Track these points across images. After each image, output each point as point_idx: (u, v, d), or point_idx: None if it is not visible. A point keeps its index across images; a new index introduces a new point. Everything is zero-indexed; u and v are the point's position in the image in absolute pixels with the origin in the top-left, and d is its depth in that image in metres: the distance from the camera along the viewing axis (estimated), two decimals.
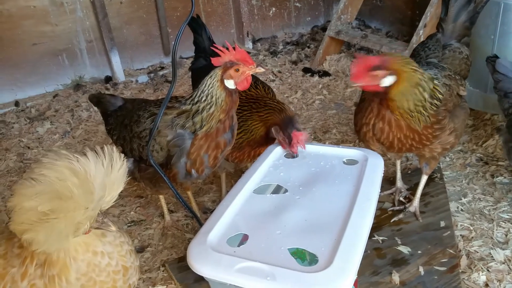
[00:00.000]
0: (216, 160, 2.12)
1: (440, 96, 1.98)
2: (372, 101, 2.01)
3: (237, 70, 1.96)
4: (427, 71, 2.05)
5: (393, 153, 2.38)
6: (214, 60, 2.01)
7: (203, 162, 2.08)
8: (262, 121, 2.28)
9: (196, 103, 2.01)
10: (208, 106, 1.99)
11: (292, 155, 2.07)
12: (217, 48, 2.02)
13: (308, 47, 5.45)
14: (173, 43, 2.00)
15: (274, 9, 5.71)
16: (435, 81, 2.00)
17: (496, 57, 2.54)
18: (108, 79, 4.90)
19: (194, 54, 3.10)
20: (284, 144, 2.10)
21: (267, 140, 2.28)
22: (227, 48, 1.99)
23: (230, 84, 1.98)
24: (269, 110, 2.29)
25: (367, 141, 2.13)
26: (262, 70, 2.04)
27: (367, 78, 1.86)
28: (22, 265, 1.32)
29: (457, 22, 2.33)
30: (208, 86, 1.99)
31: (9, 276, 1.32)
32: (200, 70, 2.94)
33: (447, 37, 2.36)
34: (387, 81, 1.88)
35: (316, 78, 4.54)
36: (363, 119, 2.08)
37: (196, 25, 3.02)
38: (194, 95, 2.03)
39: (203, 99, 1.99)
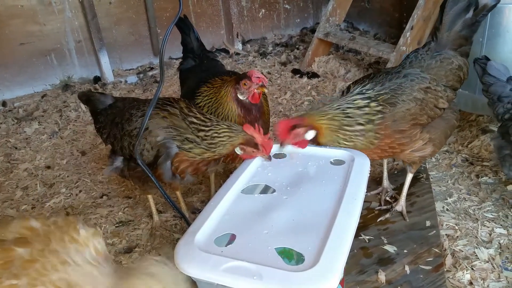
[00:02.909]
0: (198, 173, 2.18)
1: (375, 117, 2.01)
2: None
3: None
4: (390, 87, 2.08)
5: None
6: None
7: (184, 171, 2.13)
8: (227, 99, 2.36)
9: (204, 138, 2.03)
10: (209, 146, 2.02)
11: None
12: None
13: (297, 48, 5.48)
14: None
15: (263, 10, 5.73)
16: (371, 103, 2.04)
17: (487, 59, 2.47)
18: (97, 80, 4.88)
19: (182, 54, 3.11)
20: (250, 87, 2.26)
21: (250, 118, 2.35)
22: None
23: (238, 151, 2.03)
24: (226, 86, 2.40)
25: None
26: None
27: (291, 136, 1.99)
28: None
29: (451, 31, 2.23)
30: (222, 138, 2.01)
31: None
32: (189, 70, 2.95)
33: (442, 46, 2.25)
34: (310, 135, 2.01)
35: (305, 79, 4.57)
36: None
37: (184, 25, 3.03)
38: (209, 132, 2.03)
39: (209, 141, 2.02)
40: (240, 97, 2.33)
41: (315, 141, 2.05)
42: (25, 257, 1.33)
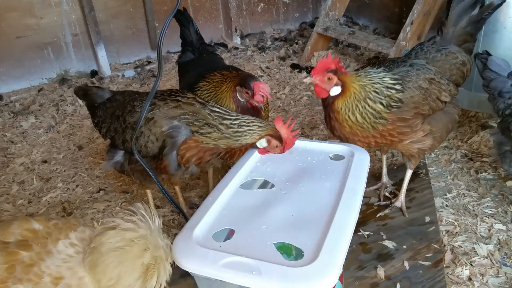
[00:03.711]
0: (201, 162, 2.15)
1: (394, 104, 2.01)
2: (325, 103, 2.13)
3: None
4: (399, 73, 2.08)
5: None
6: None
7: (189, 160, 2.09)
8: (226, 94, 2.34)
9: (229, 126, 1.98)
10: (234, 134, 1.98)
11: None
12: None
13: (296, 43, 5.45)
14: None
15: (262, 4, 5.69)
16: (396, 86, 2.04)
17: (488, 54, 2.46)
18: (94, 73, 4.84)
19: (181, 47, 3.08)
20: (249, 99, 2.25)
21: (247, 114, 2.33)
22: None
23: (262, 144, 2.01)
24: (228, 82, 2.37)
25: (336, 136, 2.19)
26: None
27: (322, 77, 2.00)
28: None
29: (457, 26, 2.24)
30: (252, 128, 1.97)
31: None
32: (188, 64, 2.92)
33: (446, 41, 2.26)
34: (335, 90, 2.01)
35: (304, 74, 4.54)
36: (325, 115, 2.20)
37: (183, 18, 3.00)
38: (236, 121, 2.00)
39: (236, 129, 1.98)
40: (239, 98, 2.33)
41: (332, 99, 2.04)
42: (26, 261, 1.34)
